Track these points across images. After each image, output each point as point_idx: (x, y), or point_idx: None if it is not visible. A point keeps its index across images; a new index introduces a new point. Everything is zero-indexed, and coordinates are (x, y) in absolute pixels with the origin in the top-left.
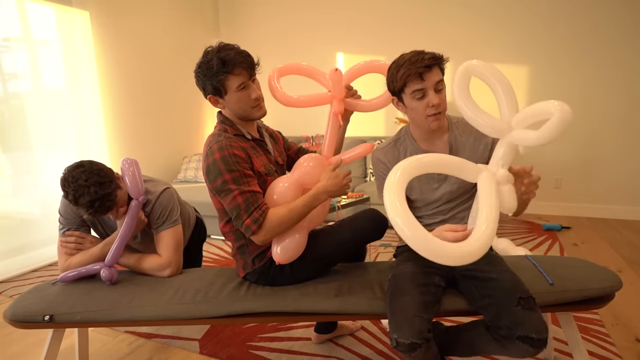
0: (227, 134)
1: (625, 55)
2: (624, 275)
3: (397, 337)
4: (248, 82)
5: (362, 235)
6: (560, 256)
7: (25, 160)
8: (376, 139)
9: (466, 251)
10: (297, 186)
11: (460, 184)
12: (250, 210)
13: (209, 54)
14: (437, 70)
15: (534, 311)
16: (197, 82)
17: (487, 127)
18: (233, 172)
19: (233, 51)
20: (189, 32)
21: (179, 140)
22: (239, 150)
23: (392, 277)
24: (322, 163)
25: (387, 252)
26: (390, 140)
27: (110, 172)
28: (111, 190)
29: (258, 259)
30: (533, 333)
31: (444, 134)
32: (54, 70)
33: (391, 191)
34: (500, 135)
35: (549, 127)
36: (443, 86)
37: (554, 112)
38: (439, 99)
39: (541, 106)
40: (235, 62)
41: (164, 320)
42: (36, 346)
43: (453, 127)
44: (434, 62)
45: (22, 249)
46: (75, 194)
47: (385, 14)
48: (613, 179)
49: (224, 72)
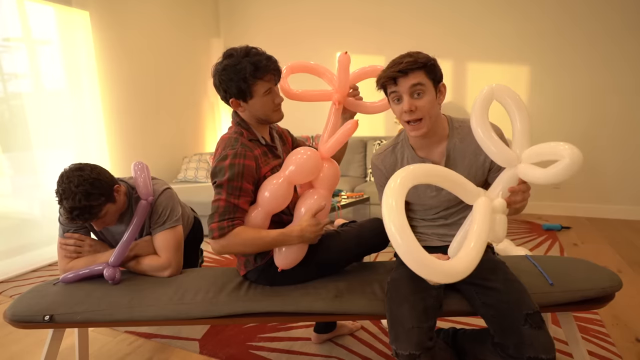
0: (243, 139)
1: (625, 55)
2: (624, 275)
3: (395, 348)
4: (274, 87)
5: (365, 244)
6: (560, 256)
7: (25, 160)
8: (376, 139)
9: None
10: (288, 184)
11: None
12: (223, 217)
13: (234, 57)
14: (418, 74)
15: (541, 329)
16: (219, 84)
17: (497, 155)
18: (233, 181)
19: (263, 57)
20: (189, 32)
21: (179, 140)
22: (250, 160)
23: (392, 280)
24: (315, 159)
25: (387, 252)
26: (389, 145)
27: (106, 185)
28: (97, 203)
29: (260, 257)
30: (542, 353)
31: (441, 142)
32: (54, 70)
33: (389, 197)
34: (507, 165)
35: (557, 169)
36: (423, 90)
37: (565, 155)
38: (410, 105)
39: (553, 147)
40: (267, 68)
41: (164, 320)
42: (36, 346)
43: (454, 132)
44: (411, 66)
45: (22, 249)
46: (62, 195)
47: (386, 14)
48: (613, 179)
49: (255, 77)
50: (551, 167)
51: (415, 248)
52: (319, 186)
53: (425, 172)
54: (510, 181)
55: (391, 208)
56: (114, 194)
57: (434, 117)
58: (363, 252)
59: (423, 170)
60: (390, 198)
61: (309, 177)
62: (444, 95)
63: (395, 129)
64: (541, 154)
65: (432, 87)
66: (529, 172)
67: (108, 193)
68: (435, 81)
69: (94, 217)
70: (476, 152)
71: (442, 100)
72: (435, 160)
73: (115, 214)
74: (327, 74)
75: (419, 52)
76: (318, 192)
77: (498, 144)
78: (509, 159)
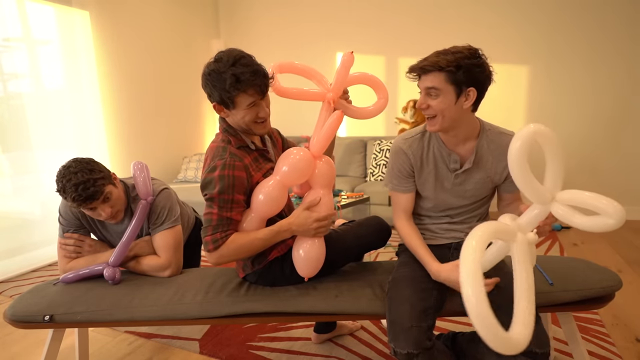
0: (231, 147)
1: (625, 55)
2: (624, 275)
3: (394, 346)
4: (259, 101)
5: (365, 243)
6: (560, 256)
7: (25, 160)
8: (376, 139)
9: (516, 342)
10: (281, 186)
11: (475, 199)
12: (216, 230)
13: (221, 63)
14: (436, 77)
15: (536, 324)
16: (204, 86)
17: (532, 192)
18: (223, 194)
19: (249, 69)
20: (189, 32)
21: (179, 140)
22: (240, 170)
23: (393, 280)
24: (307, 159)
25: (387, 252)
26: (417, 132)
27: (103, 168)
28: (98, 177)
29: (257, 261)
30: (536, 348)
31: (470, 140)
32: (54, 70)
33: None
34: (540, 202)
35: (599, 225)
36: (437, 93)
37: (612, 216)
38: (422, 102)
39: (595, 199)
40: (249, 83)
41: (164, 320)
42: (36, 346)
43: (484, 134)
44: (432, 67)
45: (22, 249)
46: (63, 179)
47: (387, 15)
48: (613, 179)
49: (236, 89)
50: (594, 220)
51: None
52: (315, 185)
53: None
54: (542, 216)
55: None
56: (112, 179)
57: (453, 118)
58: (363, 250)
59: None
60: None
61: (303, 177)
62: (471, 100)
63: (396, 129)
64: (579, 202)
65: (452, 91)
66: (567, 215)
67: (107, 174)
68: (457, 85)
69: (99, 193)
70: (499, 159)
71: (468, 105)
72: (463, 155)
73: (118, 201)
74: (317, 76)
75: (454, 51)
76: (317, 191)
77: (534, 183)
78: (543, 198)
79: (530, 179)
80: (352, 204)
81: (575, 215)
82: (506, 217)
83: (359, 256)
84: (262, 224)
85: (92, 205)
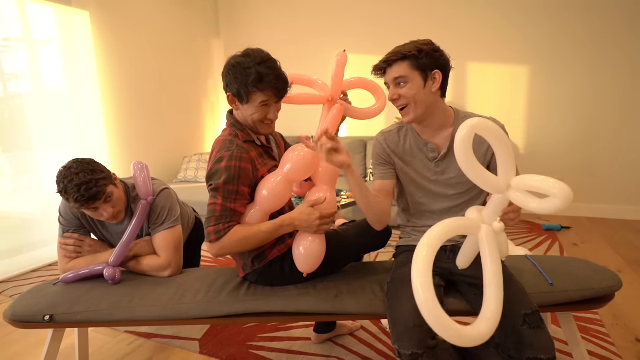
0: (238, 141)
1: (625, 55)
2: (624, 275)
3: (398, 347)
4: (271, 102)
5: (365, 243)
6: (560, 256)
7: (25, 160)
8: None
9: (475, 335)
10: (286, 181)
11: (464, 187)
12: (219, 221)
13: (249, 59)
14: (400, 66)
15: (540, 329)
16: (225, 76)
17: (482, 181)
18: (229, 184)
19: (273, 72)
20: (189, 32)
21: (179, 140)
22: (246, 162)
23: (391, 280)
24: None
25: (387, 252)
26: (394, 126)
27: (104, 168)
28: (100, 177)
29: (258, 260)
30: (542, 354)
31: (446, 128)
32: (54, 70)
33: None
34: (496, 192)
35: (549, 206)
36: (405, 80)
37: (557, 196)
38: (393, 94)
39: (544, 183)
40: (271, 84)
41: (164, 320)
42: (36, 346)
43: (460, 121)
44: (394, 58)
45: (22, 249)
46: (65, 180)
47: (387, 14)
48: (613, 179)
49: (256, 87)
50: (545, 202)
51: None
52: (319, 182)
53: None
54: (502, 205)
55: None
56: (113, 180)
57: (426, 104)
58: (363, 250)
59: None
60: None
61: (307, 173)
62: (438, 83)
63: None
64: (531, 187)
65: (419, 76)
66: (522, 200)
67: (108, 174)
68: (423, 70)
69: (101, 193)
70: (479, 142)
71: (437, 87)
72: (439, 144)
73: (119, 202)
74: (314, 82)
75: (412, 43)
76: (321, 188)
77: (486, 174)
78: (498, 187)
79: (480, 169)
80: (352, 204)
81: (531, 201)
82: (472, 210)
83: (359, 256)
84: (265, 218)
85: (94, 205)
